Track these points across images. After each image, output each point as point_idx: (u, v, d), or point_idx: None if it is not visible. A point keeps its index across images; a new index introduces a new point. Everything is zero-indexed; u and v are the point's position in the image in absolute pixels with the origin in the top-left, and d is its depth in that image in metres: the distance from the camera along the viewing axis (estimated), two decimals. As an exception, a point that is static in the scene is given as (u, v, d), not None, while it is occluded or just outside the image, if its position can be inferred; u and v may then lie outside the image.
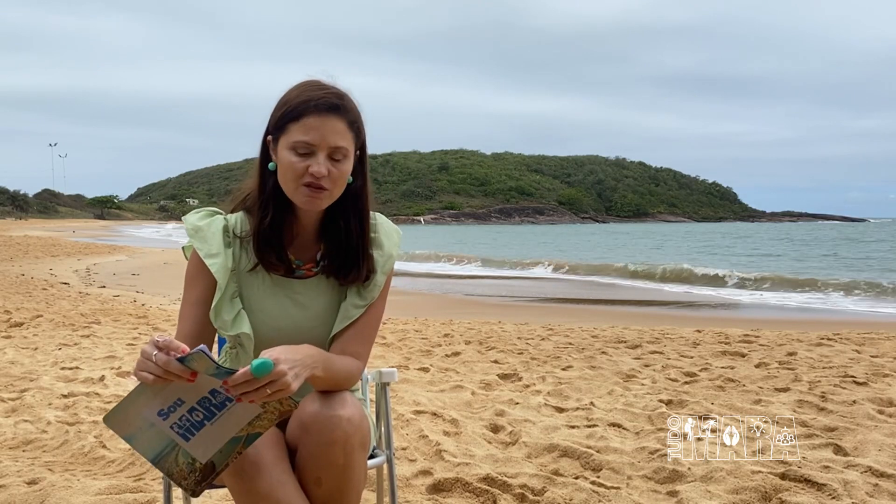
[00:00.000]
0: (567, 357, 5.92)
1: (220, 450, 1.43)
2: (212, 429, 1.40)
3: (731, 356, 5.91)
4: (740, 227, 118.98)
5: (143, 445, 1.41)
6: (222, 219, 1.78)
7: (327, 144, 1.64)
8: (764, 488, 2.76)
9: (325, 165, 1.63)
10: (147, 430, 1.39)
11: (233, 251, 1.75)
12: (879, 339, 6.80)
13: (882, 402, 4.15)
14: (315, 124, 1.63)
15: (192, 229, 1.74)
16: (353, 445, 1.57)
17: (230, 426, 1.41)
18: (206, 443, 1.42)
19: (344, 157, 1.66)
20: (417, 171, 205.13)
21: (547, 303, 13.37)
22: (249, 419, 1.42)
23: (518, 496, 2.80)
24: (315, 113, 1.63)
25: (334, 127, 1.64)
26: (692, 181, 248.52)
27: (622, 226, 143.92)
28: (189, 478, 1.44)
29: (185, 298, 1.75)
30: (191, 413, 1.39)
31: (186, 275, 1.76)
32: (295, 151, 1.64)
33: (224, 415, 1.40)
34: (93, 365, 5.48)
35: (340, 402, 1.59)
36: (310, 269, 1.78)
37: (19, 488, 2.88)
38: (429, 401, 4.38)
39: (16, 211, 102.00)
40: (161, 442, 1.41)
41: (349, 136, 1.67)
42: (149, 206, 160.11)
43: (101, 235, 48.58)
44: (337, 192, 1.69)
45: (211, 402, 1.39)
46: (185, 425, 1.40)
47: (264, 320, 1.73)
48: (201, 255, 1.71)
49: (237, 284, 1.75)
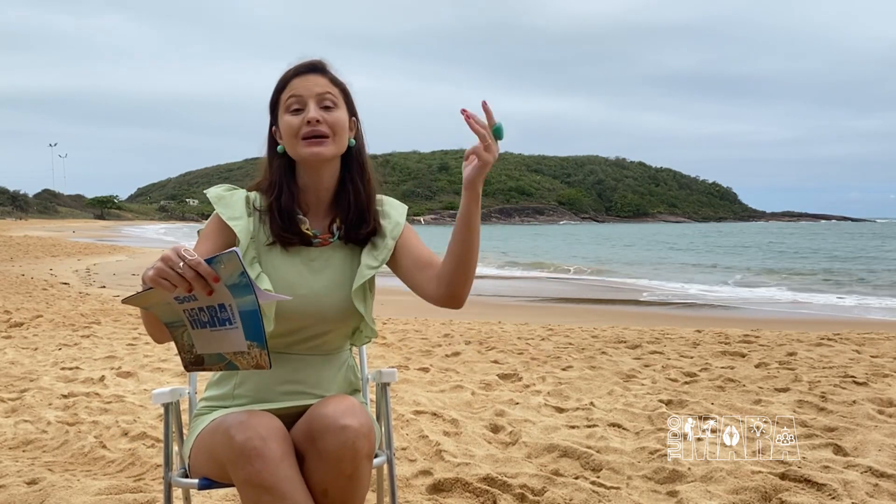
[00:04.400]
0: (567, 357, 5.92)
1: (210, 354, 1.52)
2: (210, 334, 1.49)
3: (731, 356, 5.91)
4: (741, 227, 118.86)
5: (159, 312, 1.51)
6: (244, 192, 1.87)
7: (313, 93, 1.77)
8: (764, 488, 2.76)
9: (318, 112, 1.76)
10: (164, 306, 1.49)
11: (253, 220, 1.82)
12: (879, 339, 6.80)
13: (882, 402, 4.15)
14: (299, 82, 1.79)
15: (215, 197, 1.82)
16: (362, 457, 1.57)
17: (223, 343, 1.49)
18: (203, 340, 1.51)
19: (334, 104, 1.79)
20: (417, 171, 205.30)
21: (547, 303, 13.37)
22: (236, 350, 1.48)
23: (518, 496, 2.79)
24: (296, 76, 1.80)
25: (317, 81, 1.79)
26: (692, 181, 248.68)
27: (619, 226, 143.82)
28: (187, 355, 1.54)
29: (195, 250, 1.77)
30: (199, 311, 1.47)
31: (202, 234, 1.82)
32: (290, 112, 1.77)
33: (221, 331, 1.47)
34: (93, 365, 5.48)
35: (351, 411, 1.59)
36: (326, 239, 1.84)
37: (19, 488, 2.88)
38: (429, 401, 4.38)
39: (16, 211, 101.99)
40: (174, 316, 1.51)
41: (334, 89, 1.81)
42: (149, 207, 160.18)
43: (102, 235, 48.58)
44: (339, 140, 1.79)
45: (216, 314, 1.46)
46: (194, 317, 1.49)
47: (283, 287, 1.76)
48: (224, 217, 1.78)
49: (256, 252, 1.80)
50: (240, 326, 1.44)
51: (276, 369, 1.80)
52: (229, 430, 1.55)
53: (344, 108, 1.81)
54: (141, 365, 5.41)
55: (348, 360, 1.94)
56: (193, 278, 1.37)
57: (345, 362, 1.91)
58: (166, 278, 1.38)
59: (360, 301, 1.81)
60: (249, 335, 1.44)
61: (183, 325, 1.51)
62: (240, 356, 1.48)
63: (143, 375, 5.08)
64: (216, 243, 1.78)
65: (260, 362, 1.46)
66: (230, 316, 1.44)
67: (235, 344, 1.47)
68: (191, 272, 1.37)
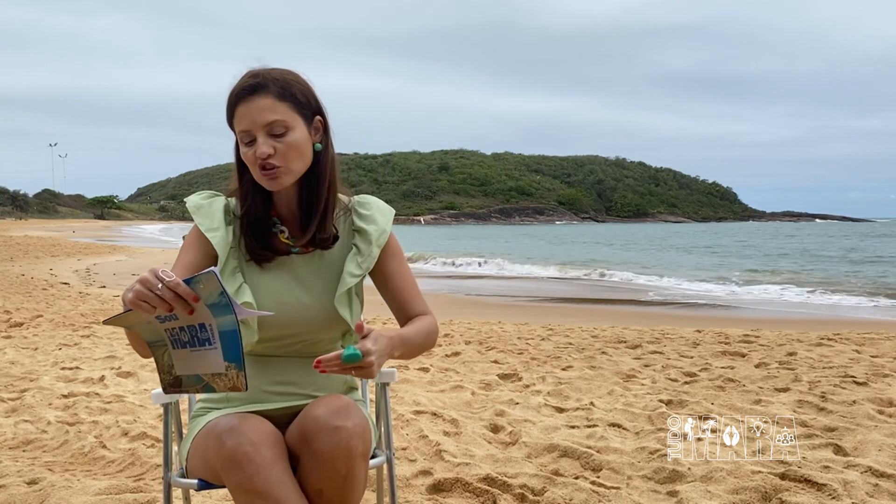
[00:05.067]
0: (567, 357, 5.92)
1: (188, 375, 1.51)
2: (190, 354, 1.47)
3: (731, 356, 5.91)
4: (741, 227, 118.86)
5: (141, 330, 1.50)
6: (223, 199, 1.83)
7: (259, 125, 1.66)
8: (764, 488, 2.76)
9: (268, 144, 1.66)
10: (146, 324, 1.48)
11: (233, 229, 1.80)
12: (879, 339, 6.80)
13: (882, 402, 4.15)
14: (243, 112, 1.68)
15: (193, 206, 1.79)
16: (356, 457, 1.56)
17: (200, 364, 1.48)
18: (182, 361, 1.49)
19: (285, 129, 1.68)
20: (417, 171, 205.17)
21: (547, 303, 13.37)
22: (214, 372, 1.47)
23: (518, 496, 2.79)
24: (239, 102, 1.68)
25: (259, 105, 1.66)
26: (692, 181, 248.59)
27: (620, 226, 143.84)
28: (166, 376, 1.53)
29: (177, 263, 1.76)
30: (180, 331, 1.46)
31: (184, 243, 1.80)
32: (244, 143, 1.70)
33: (201, 352, 1.46)
34: (93, 365, 5.48)
35: (345, 412, 1.58)
36: (306, 247, 1.81)
37: (19, 488, 2.88)
38: (429, 401, 4.37)
39: (16, 211, 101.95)
40: (156, 335, 1.49)
41: (281, 107, 1.68)
42: (149, 206, 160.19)
43: (102, 235, 48.58)
44: (294, 165, 1.71)
45: (196, 333, 1.44)
46: (175, 337, 1.47)
47: (266, 296, 1.75)
48: (202, 229, 1.75)
49: (238, 261, 1.78)
50: (219, 347, 1.43)
51: (269, 371, 1.80)
52: (220, 436, 1.55)
53: (299, 124, 1.70)
54: (141, 365, 5.40)
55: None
56: (173, 299, 1.36)
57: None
58: (146, 300, 1.37)
59: (344, 308, 1.79)
60: (228, 356, 1.43)
61: (164, 345, 1.50)
62: (217, 378, 1.47)
63: (143, 375, 5.08)
64: (197, 255, 1.76)
65: (237, 384, 1.45)
66: (210, 336, 1.43)
67: (213, 365, 1.46)
68: (170, 293, 1.36)
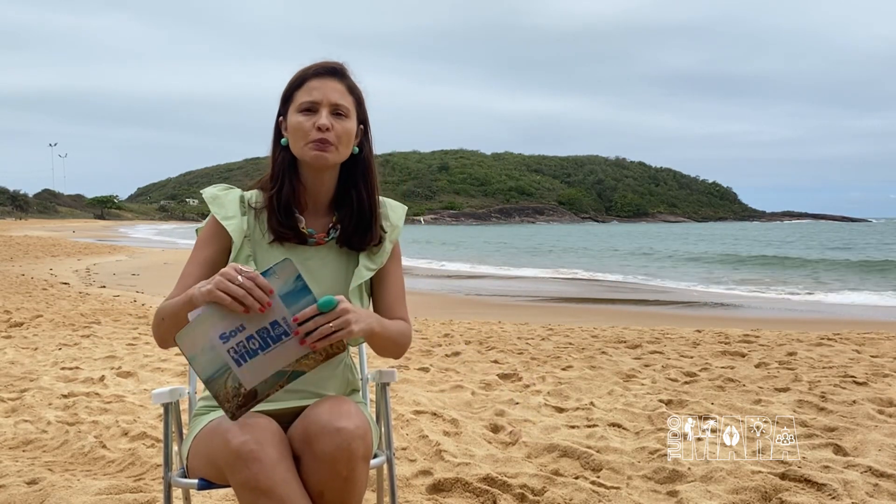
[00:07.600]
0: (567, 357, 5.92)
1: (265, 380, 1.55)
2: (264, 358, 1.53)
3: (731, 356, 5.91)
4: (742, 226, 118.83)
5: (200, 365, 1.53)
6: (239, 191, 1.89)
7: (329, 101, 1.77)
8: (764, 488, 2.76)
9: (329, 120, 1.76)
10: (208, 351, 1.52)
11: (248, 219, 1.83)
12: (879, 339, 6.80)
13: (882, 402, 4.15)
14: (316, 85, 1.78)
15: (210, 197, 1.85)
16: (358, 458, 1.57)
17: (280, 359, 1.53)
18: (255, 371, 1.53)
19: (346, 115, 1.79)
20: (417, 171, 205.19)
21: (547, 303, 13.37)
22: (299, 356, 1.53)
23: (518, 496, 2.79)
24: (315, 77, 1.80)
25: (334, 87, 1.79)
26: (692, 181, 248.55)
27: (619, 226, 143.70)
28: (232, 401, 1.55)
29: (192, 259, 1.81)
30: (248, 340, 1.52)
31: (198, 239, 1.84)
32: (301, 112, 1.77)
33: (278, 347, 1.52)
34: (93, 365, 5.48)
35: (346, 413, 1.59)
36: (321, 238, 1.84)
37: (19, 488, 2.88)
38: (429, 401, 4.37)
39: (16, 211, 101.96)
40: (216, 365, 1.53)
41: (349, 98, 1.81)
42: (149, 206, 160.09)
43: (101, 235, 48.58)
44: (343, 149, 1.80)
45: (269, 333, 1.51)
46: (241, 351, 1.52)
47: None
48: (219, 217, 1.80)
49: (251, 251, 1.81)
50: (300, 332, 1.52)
51: None
52: (226, 434, 1.55)
53: (354, 118, 1.81)
54: (141, 365, 5.41)
55: (346, 359, 1.94)
56: (252, 288, 1.47)
57: (342, 361, 1.91)
58: (226, 291, 1.47)
59: (357, 301, 1.82)
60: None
61: (225, 372, 1.53)
62: (304, 359, 1.54)
63: (143, 375, 5.08)
64: (214, 250, 1.81)
65: (332, 350, 1.54)
66: (286, 328, 1.52)
67: (299, 350, 1.53)
68: (250, 283, 1.48)
